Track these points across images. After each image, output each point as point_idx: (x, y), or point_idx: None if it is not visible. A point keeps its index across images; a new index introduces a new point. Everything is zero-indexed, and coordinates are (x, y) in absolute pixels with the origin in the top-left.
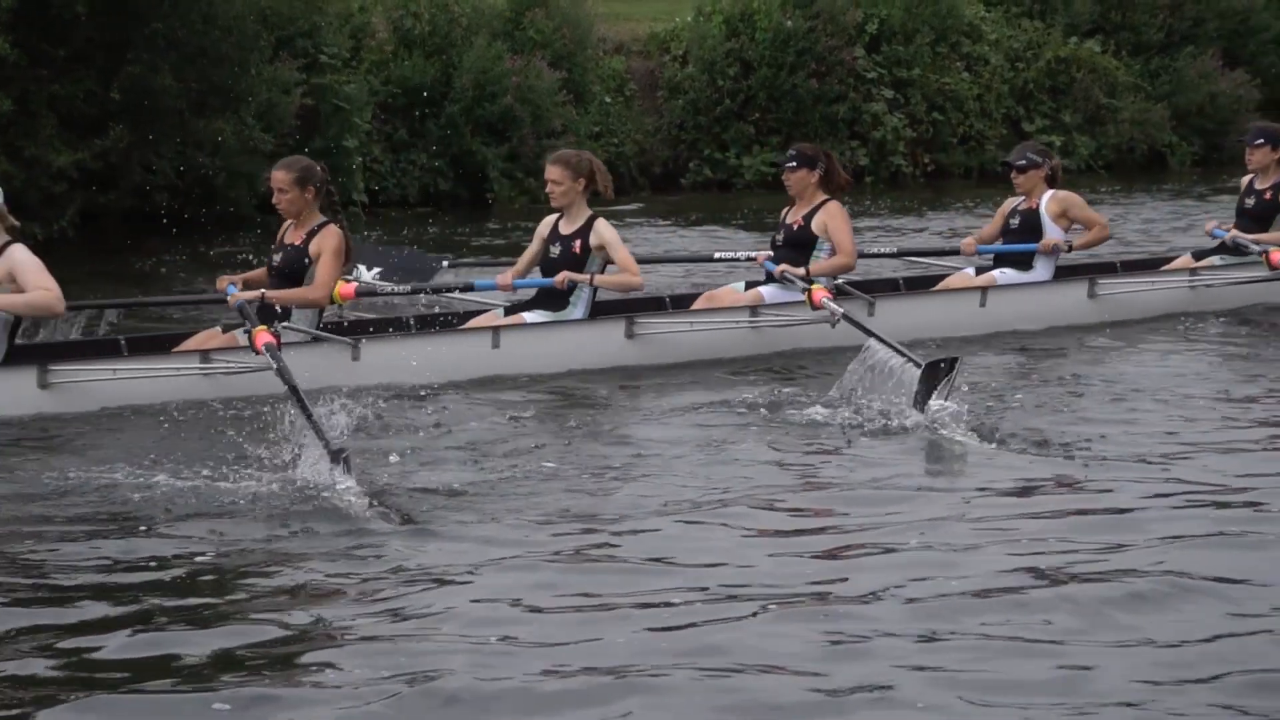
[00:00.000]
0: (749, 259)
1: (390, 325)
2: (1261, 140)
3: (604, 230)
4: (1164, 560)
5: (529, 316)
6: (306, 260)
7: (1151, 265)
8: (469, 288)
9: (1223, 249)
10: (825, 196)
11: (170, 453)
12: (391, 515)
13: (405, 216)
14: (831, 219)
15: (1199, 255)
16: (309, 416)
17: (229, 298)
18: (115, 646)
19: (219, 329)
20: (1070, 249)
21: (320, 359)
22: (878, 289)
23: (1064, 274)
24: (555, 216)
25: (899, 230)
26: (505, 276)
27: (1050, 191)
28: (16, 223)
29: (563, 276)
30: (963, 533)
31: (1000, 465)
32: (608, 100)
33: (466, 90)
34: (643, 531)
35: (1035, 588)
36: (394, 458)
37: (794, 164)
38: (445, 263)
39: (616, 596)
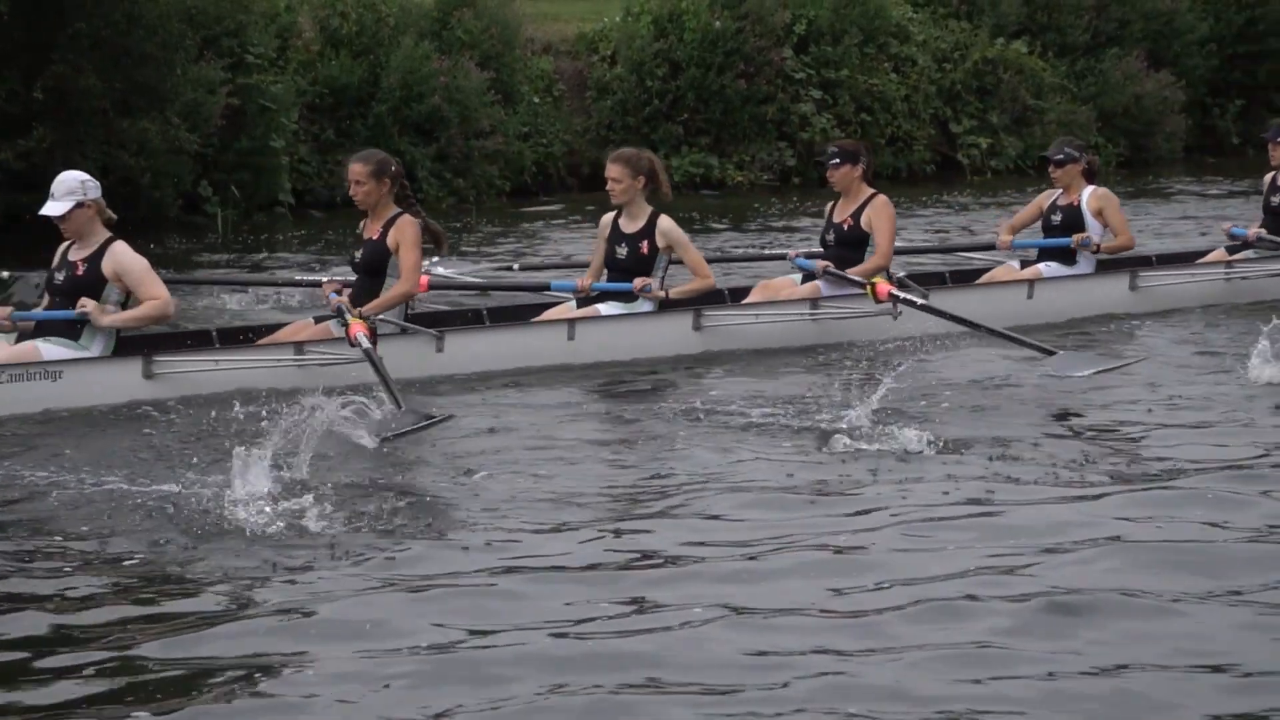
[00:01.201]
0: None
1: (458, 319)
2: None
3: (670, 230)
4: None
5: (603, 309)
6: (387, 253)
7: (1185, 259)
8: (544, 287)
9: (1246, 245)
10: (871, 191)
11: (266, 441)
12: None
13: (332, 217)
14: (878, 216)
15: (1232, 250)
16: (395, 401)
17: (330, 301)
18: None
19: (311, 320)
20: (1098, 249)
21: (407, 349)
22: (927, 283)
23: (1104, 267)
24: (613, 214)
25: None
26: (584, 280)
27: (1090, 188)
28: (113, 215)
29: (641, 283)
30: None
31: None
32: (536, 100)
33: (394, 90)
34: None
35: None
36: (475, 444)
37: (836, 160)
38: (516, 265)
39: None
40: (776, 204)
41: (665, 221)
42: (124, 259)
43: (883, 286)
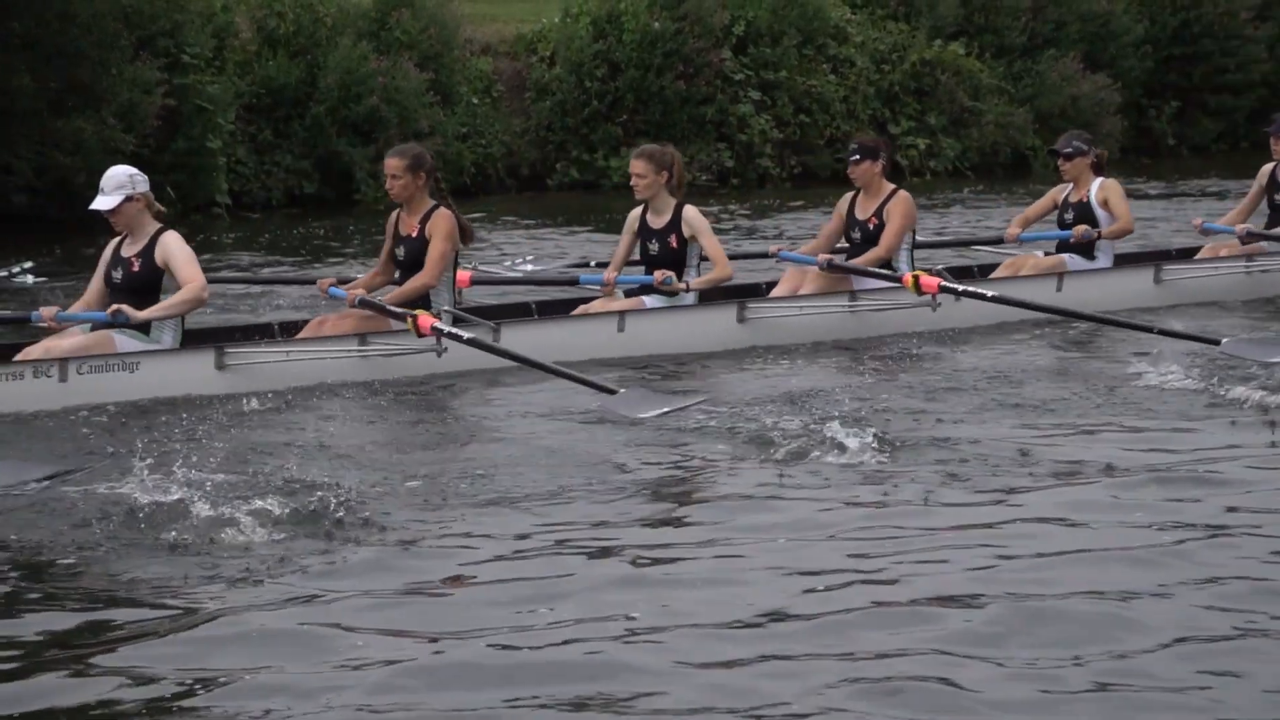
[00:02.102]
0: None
1: (508, 312)
2: None
3: (694, 219)
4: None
5: (648, 301)
6: (427, 248)
7: (1187, 254)
8: (574, 281)
9: (1252, 238)
10: (893, 186)
11: (338, 429)
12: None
13: (270, 219)
14: (892, 210)
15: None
16: (559, 371)
17: (345, 299)
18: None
19: (328, 314)
20: (1099, 237)
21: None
22: (961, 277)
23: (1128, 261)
24: (640, 210)
25: (762, 231)
26: (609, 274)
27: (1098, 180)
28: (162, 208)
29: (660, 275)
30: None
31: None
32: (475, 101)
33: (332, 90)
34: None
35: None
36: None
37: (857, 157)
38: (522, 260)
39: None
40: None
41: (690, 210)
42: (170, 246)
43: (928, 280)
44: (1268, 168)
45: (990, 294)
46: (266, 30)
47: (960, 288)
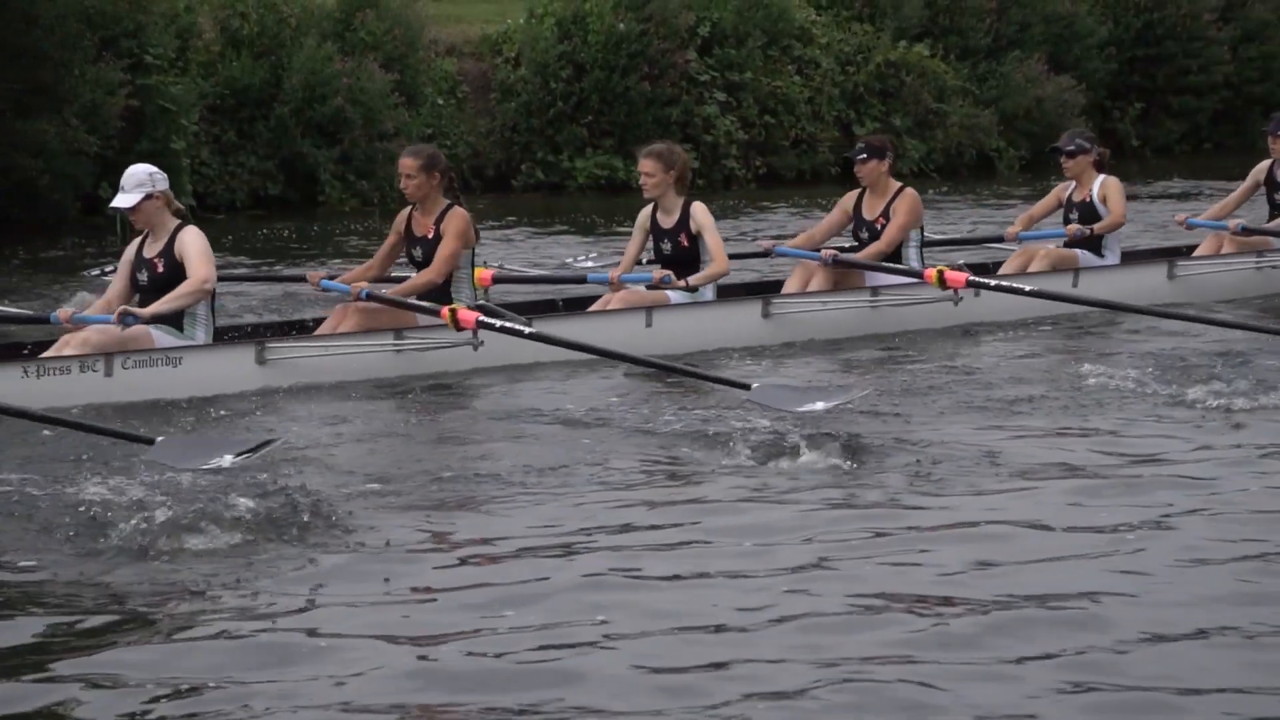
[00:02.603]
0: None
1: (536, 308)
2: None
3: (699, 215)
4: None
5: (674, 296)
6: None
7: (1187, 251)
8: (582, 279)
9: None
10: (899, 185)
11: (364, 427)
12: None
13: (234, 220)
14: (898, 207)
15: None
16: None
17: (349, 292)
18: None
19: (344, 308)
20: (1091, 234)
21: (499, 335)
22: (982, 272)
23: (1141, 258)
24: (650, 208)
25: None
26: (614, 273)
27: (1100, 178)
28: (181, 206)
29: (659, 274)
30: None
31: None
32: (440, 102)
33: (296, 91)
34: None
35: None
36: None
37: (864, 156)
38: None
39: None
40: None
41: (696, 207)
42: (186, 241)
43: (953, 275)
44: (1265, 165)
45: (1028, 288)
46: (230, 31)
47: (992, 282)
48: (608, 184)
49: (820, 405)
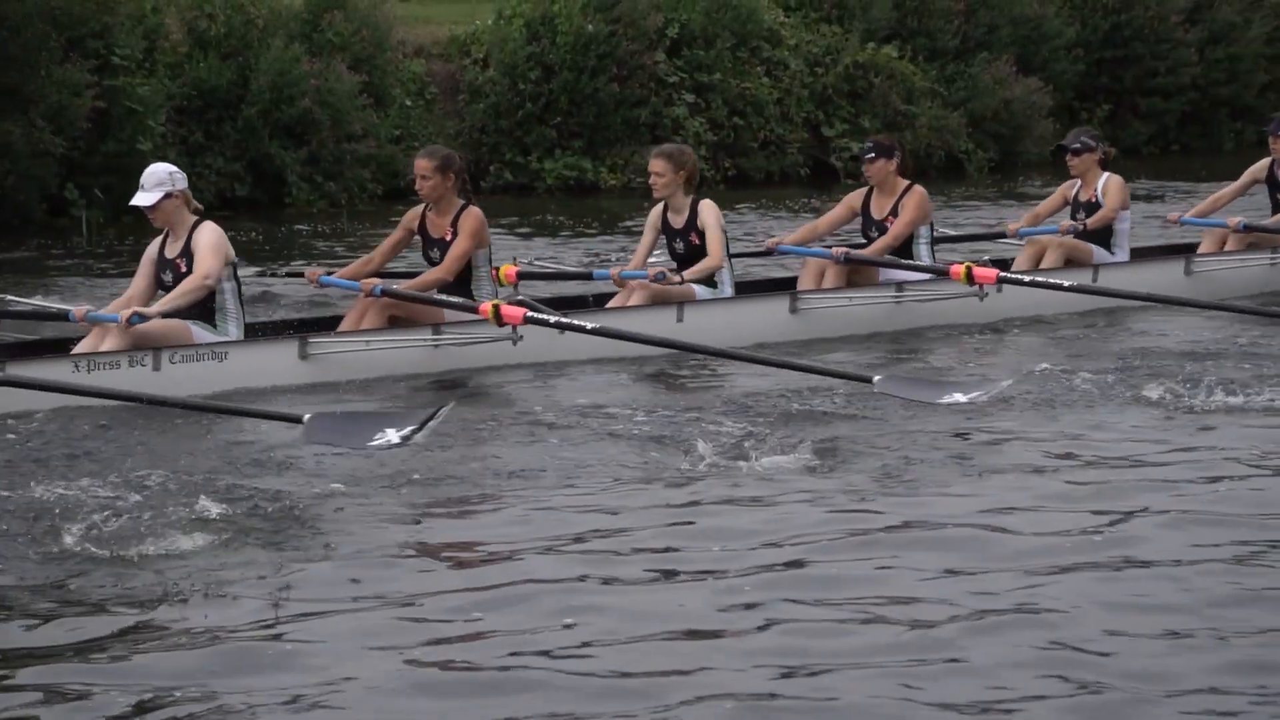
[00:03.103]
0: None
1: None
2: None
3: (704, 212)
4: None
5: (699, 290)
6: None
7: (1189, 249)
8: (588, 276)
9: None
10: (907, 183)
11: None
12: None
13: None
14: (905, 204)
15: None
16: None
17: (359, 288)
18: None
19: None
20: (1085, 229)
21: (538, 332)
22: (1005, 267)
23: (1159, 253)
24: (660, 208)
25: None
26: (615, 270)
27: (1104, 176)
28: (200, 206)
29: (654, 272)
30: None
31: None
32: (408, 103)
33: (264, 93)
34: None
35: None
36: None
37: (872, 155)
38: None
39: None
40: (646, 207)
41: (704, 205)
42: (200, 236)
43: (982, 271)
44: (1264, 164)
45: (1066, 283)
46: (197, 32)
47: (1026, 278)
48: (576, 185)
49: (960, 397)
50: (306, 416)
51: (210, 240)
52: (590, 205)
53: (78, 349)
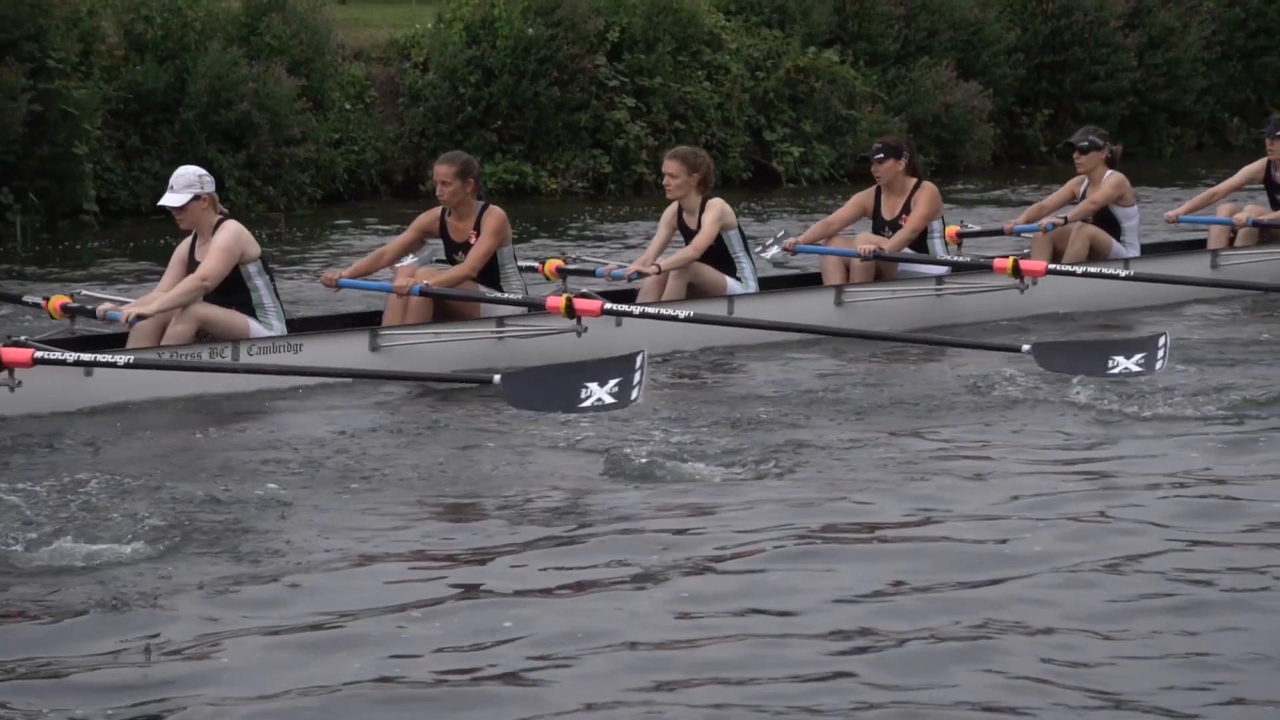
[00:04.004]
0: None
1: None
2: None
3: (706, 210)
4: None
5: (732, 284)
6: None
7: (1193, 246)
8: (591, 274)
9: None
10: (915, 180)
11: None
12: None
13: (140, 226)
14: (917, 200)
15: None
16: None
17: (392, 289)
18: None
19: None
20: (1066, 221)
21: (595, 325)
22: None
23: (1184, 248)
24: (675, 207)
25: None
26: (609, 268)
27: (1108, 173)
28: (224, 208)
29: (630, 270)
30: None
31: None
32: (348, 107)
33: (201, 96)
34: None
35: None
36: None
37: (881, 155)
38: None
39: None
40: (594, 210)
41: (710, 202)
42: (214, 238)
43: (1030, 264)
44: (1261, 164)
45: (1123, 274)
46: (133, 35)
47: (1079, 269)
48: (517, 189)
49: (1132, 366)
50: (496, 378)
51: (220, 242)
52: (530, 210)
53: (131, 343)
